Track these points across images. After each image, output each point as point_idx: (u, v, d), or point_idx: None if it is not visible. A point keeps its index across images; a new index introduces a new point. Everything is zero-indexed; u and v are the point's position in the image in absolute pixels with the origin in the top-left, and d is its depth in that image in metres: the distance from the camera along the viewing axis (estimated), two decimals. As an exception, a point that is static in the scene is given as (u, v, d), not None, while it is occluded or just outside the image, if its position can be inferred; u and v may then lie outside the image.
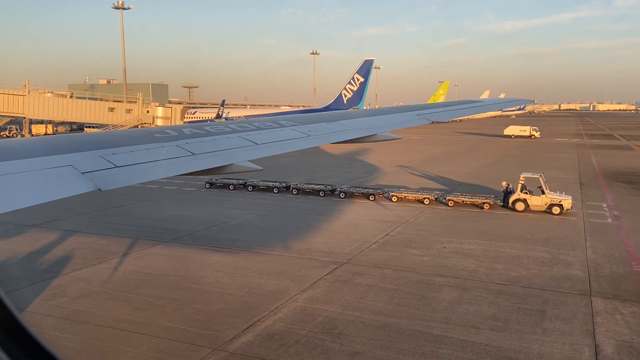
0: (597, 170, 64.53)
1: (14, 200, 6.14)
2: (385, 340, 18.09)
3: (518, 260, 27.30)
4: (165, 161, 8.75)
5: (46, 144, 8.34)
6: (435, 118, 17.48)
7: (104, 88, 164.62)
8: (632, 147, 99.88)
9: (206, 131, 10.71)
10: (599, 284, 23.87)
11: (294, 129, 12.42)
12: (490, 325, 19.43)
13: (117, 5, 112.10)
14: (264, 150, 10.49)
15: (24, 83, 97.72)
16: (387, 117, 16.96)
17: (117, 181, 7.38)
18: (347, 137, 13.15)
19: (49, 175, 6.94)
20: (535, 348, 17.59)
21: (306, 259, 27.14)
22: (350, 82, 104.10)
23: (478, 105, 23.73)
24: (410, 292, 22.77)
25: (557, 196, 38.77)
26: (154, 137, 9.64)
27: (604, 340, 18.16)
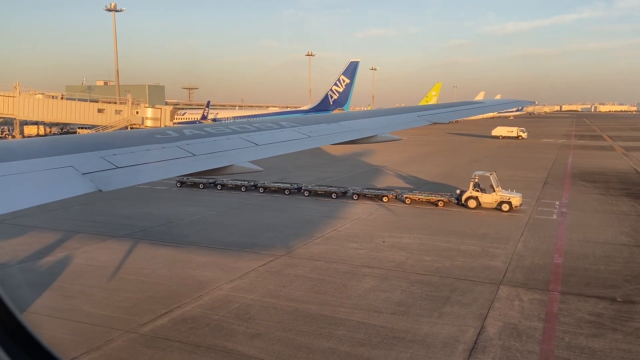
0: (568, 170, 65.81)
1: (15, 201, 6.20)
2: (289, 323, 19.55)
3: (448, 253, 28.72)
4: (166, 162, 8.72)
5: (47, 145, 8.36)
6: (435, 119, 17.51)
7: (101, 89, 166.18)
8: (615, 147, 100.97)
9: (207, 132, 10.75)
10: (514, 274, 25.28)
11: (295, 130, 12.36)
12: (393, 310, 20.88)
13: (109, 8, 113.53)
14: (265, 151, 10.48)
15: (14, 84, 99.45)
16: (388, 118, 16.95)
17: (117, 182, 7.44)
18: (348, 138, 13.12)
19: (50, 176, 6.95)
20: (425, 329, 19.05)
21: (247, 252, 28.62)
22: (336, 83, 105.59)
23: (478, 106, 24.29)
24: (333, 281, 24.22)
25: (507, 194, 40.19)
26: (154, 138, 9.65)
27: (492, 323, 19.60)
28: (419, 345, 17.84)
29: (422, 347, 17.71)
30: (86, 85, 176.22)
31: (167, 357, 16.77)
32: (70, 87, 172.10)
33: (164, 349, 17.30)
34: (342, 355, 17.02)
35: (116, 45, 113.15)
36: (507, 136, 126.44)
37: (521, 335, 18.54)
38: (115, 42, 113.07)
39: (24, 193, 6.38)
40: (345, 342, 17.99)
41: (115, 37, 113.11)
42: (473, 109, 23.35)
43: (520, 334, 18.69)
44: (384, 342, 18.01)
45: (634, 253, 28.46)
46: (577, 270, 25.71)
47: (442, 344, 17.89)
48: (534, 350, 17.40)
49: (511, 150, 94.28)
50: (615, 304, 21.47)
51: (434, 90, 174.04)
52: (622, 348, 17.53)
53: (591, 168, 67.08)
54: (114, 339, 18.02)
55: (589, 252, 28.73)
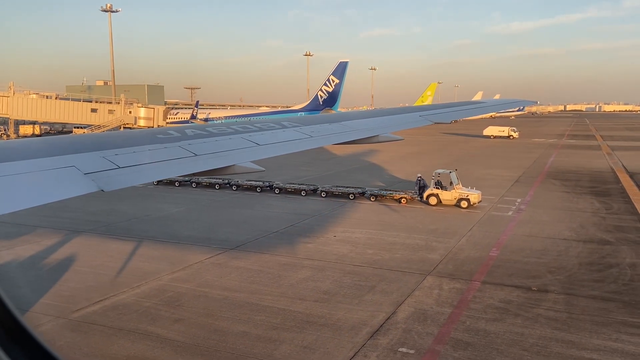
0: (545, 169, 66.78)
1: (17, 201, 6.21)
2: (214, 310, 20.87)
3: (391, 247, 29.95)
4: (168, 162, 8.73)
5: (49, 145, 8.38)
6: (437, 119, 17.53)
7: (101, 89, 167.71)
8: (602, 147, 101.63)
9: (208, 132, 10.77)
10: (446, 265, 26.51)
11: (296, 130, 12.38)
12: (317, 297, 22.16)
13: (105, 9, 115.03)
14: (266, 151, 10.51)
15: (9, 84, 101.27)
16: (390, 118, 16.95)
17: (119, 182, 7.47)
18: (349, 138, 13.14)
19: (52, 176, 6.96)
20: (339, 315, 20.31)
21: (198, 246, 29.94)
22: (325, 83, 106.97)
23: (480, 106, 24.59)
24: (270, 272, 25.52)
25: (466, 191, 41.37)
26: (156, 138, 9.68)
27: (404, 309, 20.86)
28: (328, 328, 19.10)
29: (330, 330, 18.97)
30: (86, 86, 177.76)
31: (87, 340, 18.11)
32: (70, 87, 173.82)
33: (86, 332, 18.65)
34: (252, 338, 18.30)
35: (112, 46, 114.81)
36: (499, 136, 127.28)
37: (426, 320, 19.77)
38: (111, 42, 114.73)
39: (27, 193, 6.40)
40: (260, 326, 19.26)
41: (111, 38, 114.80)
42: (474, 109, 23.64)
43: (427, 318, 19.92)
44: (297, 326, 19.28)
45: (570, 247, 29.59)
46: (508, 262, 26.89)
47: (350, 327, 19.15)
48: (432, 332, 18.64)
49: (497, 149, 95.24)
50: (529, 292, 22.66)
51: (429, 90, 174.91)
52: (516, 331, 18.74)
53: (569, 167, 68.03)
54: (43, 323, 19.35)
55: (527, 246, 29.89)
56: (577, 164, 70.67)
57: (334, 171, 64.01)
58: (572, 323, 19.43)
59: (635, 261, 26.75)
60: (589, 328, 18.99)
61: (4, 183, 6.33)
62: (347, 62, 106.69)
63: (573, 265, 26.13)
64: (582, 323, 19.42)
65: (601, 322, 19.46)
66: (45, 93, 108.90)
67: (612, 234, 32.53)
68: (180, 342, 17.99)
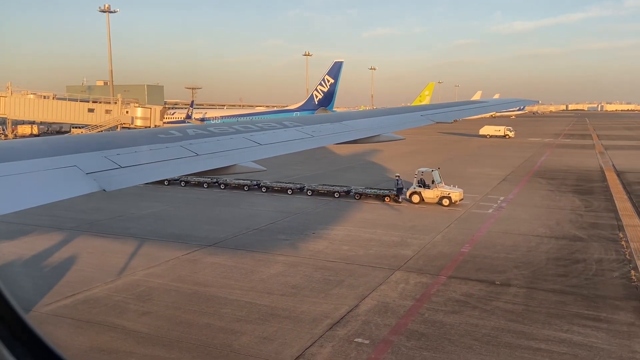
0: (534, 168, 67.22)
1: (19, 200, 6.23)
2: (182, 303, 21.47)
3: (367, 243, 30.51)
4: (169, 162, 8.77)
5: (51, 145, 8.40)
6: (438, 118, 17.54)
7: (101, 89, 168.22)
8: (596, 146, 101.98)
9: (210, 132, 10.79)
10: (416, 261, 27.06)
11: (298, 130, 12.41)
12: (285, 291, 22.74)
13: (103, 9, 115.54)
14: (268, 150, 10.54)
15: (7, 84, 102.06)
16: (391, 117, 16.96)
17: (121, 181, 7.46)
18: (351, 138, 13.17)
19: (54, 176, 6.98)
20: (304, 308, 20.89)
21: (178, 243, 30.55)
22: (321, 83, 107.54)
23: (481, 105, 24.65)
24: (243, 268, 26.11)
25: (447, 189, 41.93)
26: (157, 137, 9.70)
27: (367, 302, 21.43)
28: (290, 320, 19.70)
29: (292, 322, 19.56)
30: (86, 86, 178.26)
31: (53, 332, 18.70)
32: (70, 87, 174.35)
33: (54, 325, 19.27)
34: (214, 329, 18.90)
35: (110, 46, 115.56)
36: (495, 135, 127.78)
37: (387, 312, 20.35)
38: (109, 43, 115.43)
39: (29, 193, 6.41)
40: (224, 319, 19.86)
41: (109, 38, 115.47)
42: (475, 109, 23.68)
43: (387, 311, 20.49)
44: (260, 319, 19.87)
45: (541, 243, 30.12)
46: (477, 258, 27.44)
47: (311, 320, 19.73)
48: (389, 324, 19.21)
49: (491, 149, 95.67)
50: (491, 286, 23.22)
51: (427, 90, 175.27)
52: (471, 323, 19.31)
53: (558, 166, 68.46)
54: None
55: (500, 242, 30.43)
56: (566, 163, 71.10)
57: (325, 170, 64.54)
58: (527, 315, 19.97)
59: (603, 257, 27.26)
60: (543, 320, 19.53)
61: (5, 183, 6.33)
62: (342, 62, 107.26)
63: (540, 261, 26.66)
64: (536, 315, 19.96)
65: (555, 314, 20.00)
66: (42, 93, 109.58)
67: (585, 230, 33.04)
68: (144, 333, 18.58)
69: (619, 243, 29.78)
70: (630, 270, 24.91)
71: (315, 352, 17.08)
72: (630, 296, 21.83)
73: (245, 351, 17.23)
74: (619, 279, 23.95)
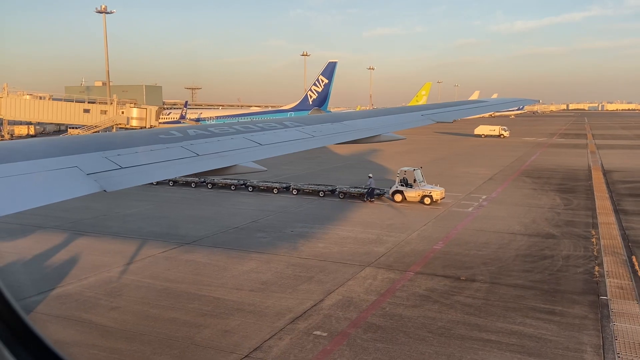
0: (522, 167, 67.69)
1: (20, 201, 6.28)
2: (151, 299, 22.02)
3: (343, 241, 31.05)
4: (170, 162, 8.80)
5: (51, 145, 8.43)
6: (439, 118, 17.71)
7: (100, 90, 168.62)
8: (589, 146, 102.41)
9: (211, 132, 10.82)
10: (387, 258, 27.59)
11: (298, 130, 12.44)
12: (254, 287, 23.29)
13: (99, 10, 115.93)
14: (268, 151, 10.65)
15: (3, 85, 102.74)
16: (392, 117, 17.25)
17: (122, 182, 7.57)
18: (351, 138, 13.23)
19: (55, 177, 6.98)
20: (269, 302, 21.44)
21: (157, 241, 31.10)
22: (315, 83, 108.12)
23: (482, 105, 24.40)
24: (217, 265, 26.66)
25: (429, 188, 42.47)
26: (158, 138, 9.72)
27: (333, 297, 21.97)
28: (254, 314, 20.25)
29: (256, 316, 20.11)
30: (85, 86, 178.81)
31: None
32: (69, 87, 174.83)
33: (23, 318, 19.79)
34: (178, 323, 19.46)
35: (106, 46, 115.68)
36: (490, 135, 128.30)
37: (349, 306, 20.89)
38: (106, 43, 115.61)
39: (29, 193, 6.43)
40: (190, 313, 20.41)
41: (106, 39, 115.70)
42: (476, 108, 23.57)
43: (350, 305, 21.03)
44: (225, 313, 20.43)
45: (514, 240, 30.65)
46: (448, 254, 27.96)
47: (274, 314, 20.28)
48: (350, 318, 19.76)
49: (483, 148, 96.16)
50: (456, 281, 23.75)
51: (423, 89, 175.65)
52: (429, 316, 19.86)
53: (547, 165, 68.95)
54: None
55: (473, 239, 30.95)
56: (555, 163, 71.58)
57: (315, 170, 65.01)
58: (485, 309, 20.50)
59: (571, 253, 27.78)
60: (499, 313, 20.06)
61: (6, 184, 6.32)
62: (336, 62, 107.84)
63: (509, 257, 27.18)
64: (494, 309, 20.49)
65: (512, 308, 20.53)
66: (38, 94, 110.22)
67: (560, 228, 33.55)
68: (109, 327, 19.14)
69: (589, 240, 30.29)
70: (594, 267, 25.42)
71: (272, 345, 17.62)
72: (589, 291, 22.34)
73: (205, 343, 17.77)
74: (582, 274, 24.46)
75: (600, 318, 19.54)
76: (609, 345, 17.37)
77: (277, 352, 17.11)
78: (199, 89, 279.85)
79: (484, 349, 17.16)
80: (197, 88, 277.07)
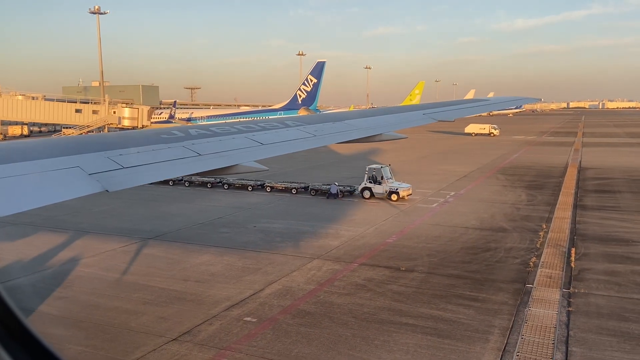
0: (501, 165, 68.59)
1: (22, 202, 6.31)
2: (99, 289, 23.07)
3: (301, 235, 32.08)
4: (172, 162, 8.82)
5: (53, 146, 8.47)
6: (441, 117, 17.72)
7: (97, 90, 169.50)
8: (575, 144, 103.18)
9: (212, 132, 10.82)
10: (338, 250, 28.59)
11: (300, 129, 12.48)
12: (201, 279, 24.32)
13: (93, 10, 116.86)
14: (270, 150, 10.61)
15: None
16: (393, 116, 17.11)
17: (123, 182, 7.61)
18: (353, 137, 13.25)
19: (57, 177, 7.01)
20: (211, 292, 22.47)
21: (121, 236, 32.15)
22: (304, 83, 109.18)
23: (484, 103, 24.48)
24: (172, 258, 27.70)
25: (396, 185, 43.50)
26: (160, 138, 9.74)
27: (273, 286, 22.99)
28: (193, 303, 21.28)
29: (194, 304, 21.15)
30: (82, 86, 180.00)
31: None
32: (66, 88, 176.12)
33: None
34: (119, 311, 20.50)
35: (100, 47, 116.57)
36: (480, 133, 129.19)
37: (286, 295, 21.92)
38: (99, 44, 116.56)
39: (32, 193, 6.44)
40: (133, 302, 21.45)
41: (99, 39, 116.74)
42: (478, 107, 23.58)
43: (287, 294, 22.06)
44: (166, 302, 21.47)
45: (465, 234, 31.65)
46: (396, 247, 28.97)
47: (213, 302, 21.32)
48: (283, 305, 20.80)
49: (470, 147, 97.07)
50: (396, 272, 24.77)
51: (417, 88, 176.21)
52: (358, 303, 20.89)
53: (525, 163, 69.88)
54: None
55: (426, 233, 31.95)
56: (535, 160, 72.50)
57: (296, 168, 65.78)
58: (413, 296, 21.52)
59: (515, 246, 28.78)
60: (425, 300, 21.08)
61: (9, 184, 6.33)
62: (325, 62, 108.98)
63: (453, 250, 28.19)
64: (422, 296, 21.51)
65: (439, 295, 21.55)
66: (31, 94, 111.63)
67: (514, 222, 34.55)
68: (53, 315, 20.21)
69: (537, 234, 31.27)
70: (532, 258, 26.42)
71: (202, 329, 18.67)
72: (518, 280, 23.35)
73: (139, 329, 18.82)
74: (517, 265, 25.47)
75: (519, 304, 20.52)
76: (517, 327, 18.37)
77: (204, 336, 18.13)
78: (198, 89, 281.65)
79: (399, 332, 18.17)
80: (196, 88, 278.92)
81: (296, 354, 16.73)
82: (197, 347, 17.23)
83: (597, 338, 17.50)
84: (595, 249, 27.90)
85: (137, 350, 17.04)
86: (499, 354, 16.55)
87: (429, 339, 17.54)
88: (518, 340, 17.36)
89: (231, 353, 16.81)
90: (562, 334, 17.83)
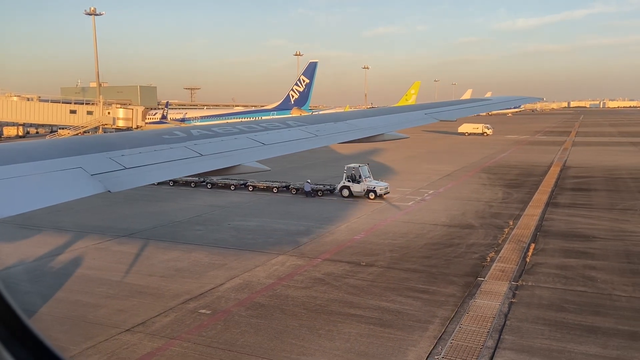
0: (486, 164, 69.22)
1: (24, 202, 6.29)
2: (67, 284, 23.81)
3: (272, 232, 32.78)
4: (174, 162, 8.82)
5: (55, 147, 8.49)
6: (442, 117, 17.83)
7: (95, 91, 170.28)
8: (566, 143, 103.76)
9: (214, 132, 10.84)
10: (307, 246, 29.30)
11: (302, 129, 12.49)
12: (166, 274, 25.03)
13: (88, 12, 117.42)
14: (272, 150, 10.66)
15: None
16: (395, 116, 17.38)
17: (125, 182, 7.57)
18: (354, 137, 13.30)
19: (59, 178, 6.99)
20: (174, 287, 23.18)
21: (96, 234, 32.86)
22: (297, 83, 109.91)
23: (485, 103, 24.66)
24: (142, 255, 28.42)
25: (373, 183, 44.22)
26: (162, 138, 9.76)
27: (234, 281, 23.72)
28: (153, 297, 22.01)
29: (154, 298, 21.88)
30: (80, 87, 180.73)
31: None
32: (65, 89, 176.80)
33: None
34: (80, 304, 21.23)
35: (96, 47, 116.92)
36: (473, 133, 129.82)
37: (244, 289, 22.65)
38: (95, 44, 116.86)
39: (35, 194, 6.44)
40: (95, 296, 22.18)
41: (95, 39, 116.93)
42: (480, 107, 23.62)
43: (246, 288, 22.81)
44: (127, 296, 22.20)
45: (432, 231, 32.36)
46: (362, 243, 29.68)
47: (172, 296, 22.04)
48: (239, 298, 21.52)
49: (460, 146, 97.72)
50: (355, 267, 25.47)
51: (413, 88, 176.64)
52: (312, 295, 21.61)
53: (511, 162, 70.56)
54: None
55: (394, 230, 32.66)
56: (521, 160, 73.14)
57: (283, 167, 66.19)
58: (367, 289, 22.23)
59: (477, 242, 29.48)
60: (377, 292, 21.80)
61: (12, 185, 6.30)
62: (317, 62, 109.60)
63: (417, 246, 28.89)
64: (375, 289, 22.23)
65: (392, 288, 22.26)
66: (26, 95, 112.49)
67: (483, 219, 35.24)
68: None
69: (502, 230, 31.98)
70: (490, 253, 27.12)
71: (156, 321, 19.40)
72: (471, 273, 24.06)
73: (96, 320, 19.55)
74: (475, 260, 26.18)
75: (466, 296, 21.22)
76: (458, 317, 19.07)
77: (157, 327, 18.87)
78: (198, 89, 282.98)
79: (345, 322, 18.89)
80: (196, 88, 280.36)
81: (242, 343, 17.46)
82: (147, 337, 17.96)
83: (531, 327, 18.20)
84: (554, 245, 28.62)
85: (90, 341, 17.76)
86: (434, 341, 17.24)
87: (371, 329, 18.26)
88: (455, 329, 18.03)
89: (179, 342, 17.53)
90: (499, 323, 18.52)
